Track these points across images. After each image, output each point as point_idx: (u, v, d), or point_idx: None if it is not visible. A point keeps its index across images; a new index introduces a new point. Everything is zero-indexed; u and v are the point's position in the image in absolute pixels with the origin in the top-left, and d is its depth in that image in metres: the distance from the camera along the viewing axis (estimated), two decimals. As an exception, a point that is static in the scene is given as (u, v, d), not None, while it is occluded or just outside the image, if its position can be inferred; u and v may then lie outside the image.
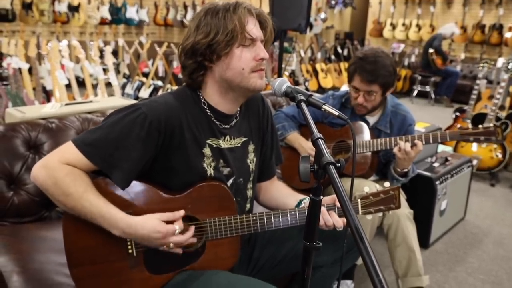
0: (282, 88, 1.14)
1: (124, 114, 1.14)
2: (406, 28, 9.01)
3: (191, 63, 1.18)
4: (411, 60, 8.27)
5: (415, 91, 7.66)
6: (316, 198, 0.89)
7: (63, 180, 1.09)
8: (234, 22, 1.14)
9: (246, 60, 1.17)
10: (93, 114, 1.96)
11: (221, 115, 1.26)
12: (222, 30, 1.14)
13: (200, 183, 1.22)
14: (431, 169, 2.65)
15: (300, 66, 7.14)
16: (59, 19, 7.11)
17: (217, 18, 1.14)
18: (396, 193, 1.32)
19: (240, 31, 1.15)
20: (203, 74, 1.20)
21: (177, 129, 1.17)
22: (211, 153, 1.24)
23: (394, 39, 9.17)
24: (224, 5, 1.17)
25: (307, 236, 0.92)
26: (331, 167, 0.81)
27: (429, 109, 7.10)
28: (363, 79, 1.92)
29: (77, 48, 4.08)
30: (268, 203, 1.47)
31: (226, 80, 1.19)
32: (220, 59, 1.17)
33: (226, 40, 1.14)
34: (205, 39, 1.14)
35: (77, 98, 3.89)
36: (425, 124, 2.98)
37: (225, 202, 1.24)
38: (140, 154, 1.13)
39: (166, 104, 1.17)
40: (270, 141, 1.44)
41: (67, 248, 1.17)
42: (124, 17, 7.94)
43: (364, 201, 1.30)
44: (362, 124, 2.03)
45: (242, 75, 1.18)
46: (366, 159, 2.01)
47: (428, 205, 2.57)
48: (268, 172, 1.47)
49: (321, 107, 1.05)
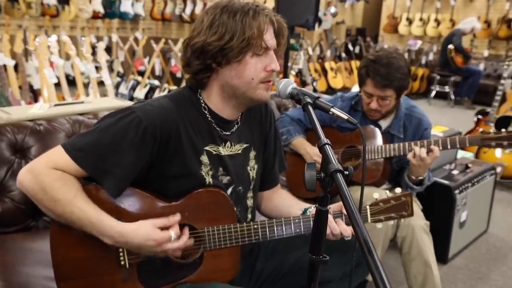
0: (287, 89, 1.16)
1: (117, 118, 1.16)
2: (424, 23, 9.02)
3: (198, 64, 1.19)
4: (429, 58, 8.28)
5: (433, 92, 7.66)
6: (322, 208, 0.90)
7: (52, 185, 1.11)
8: (252, 30, 1.14)
9: (256, 70, 1.19)
10: (84, 115, 1.98)
11: (222, 120, 1.28)
12: (239, 35, 1.14)
13: (198, 189, 1.23)
14: (450, 177, 2.65)
15: (308, 64, 7.16)
16: (48, 12, 7.16)
17: (234, 20, 1.14)
18: (408, 200, 1.33)
19: (257, 39, 1.16)
20: (208, 76, 1.22)
21: (173, 134, 1.18)
22: (210, 161, 1.26)
23: (410, 35, 9.18)
24: (243, 6, 1.17)
25: (313, 248, 0.92)
26: (339, 175, 0.82)
27: (448, 112, 7.09)
28: (377, 84, 1.92)
29: (67, 44, 4.11)
30: (271, 213, 1.48)
31: (232, 86, 1.21)
32: (229, 64, 1.18)
33: (241, 47, 1.14)
34: (218, 42, 1.14)
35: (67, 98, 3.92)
36: (443, 128, 2.98)
37: (225, 210, 1.25)
38: (134, 160, 1.15)
39: (162, 108, 1.19)
40: (273, 147, 1.46)
41: (55, 260, 1.18)
42: (118, 11, 8.00)
43: (374, 208, 1.31)
44: (374, 129, 2.04)
45: (250, 85, 1.20)
46: (377, 166, 2.02)
47: (446, 216, 2.56)
48: (270, 180, 1.48)
49: (329, 110, 1.06)
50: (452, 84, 7.46)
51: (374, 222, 1.32)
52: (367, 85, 1.97)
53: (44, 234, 1.57)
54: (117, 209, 1.18)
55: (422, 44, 8.49)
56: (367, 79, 1.96)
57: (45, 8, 7.10)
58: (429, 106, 7.37)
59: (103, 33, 8.14)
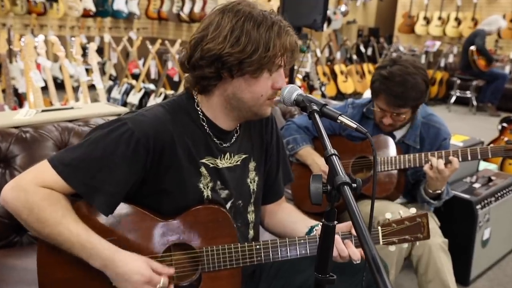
0: (292, 96, 1.18)
1: (108, 130, 1.18)
2: (443, 23, 9.05)
3: (210, 72, 1.19)
4: (449, 61, 8.30)
5: (453, 97, 7.67)
6: (329, 224, 0.92)
7: (38, 204, 1.13)
8: (276, 48, 1.17)
9: (267, 87, 1.22)
10: (74, 122, 1.99)
11: (220, 131, 1.30)
12: (261, 51, 1.15)
13: (196, 206, 1.25)
14: (471, 190, 2.65)
15: (316, 68, 7.19)
16: (35, 9, 7.18)
17: (258, 33, 1.15)
18: (424, 221, 1.33)
19: (278, 58, 1.19)
20: (215, 84, 1.23)
21: (168, 146, 1.20)
22: (208, 173, 1.28)
23: (428, 36, 9.21)
24: (266, 17, 1.18)
25: (319, 267, 0.94)
26: (346, 188, 0.84)
27: (470, 119, 7.09)
28: (390, 103, 1.95)
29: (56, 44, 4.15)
30: (274, 229, 1.49)
31: (239, 99, 1.24)
32: (242, 76, 1.20)
33: (261, 63, 1.17)
34: (239, 54, 1.15)
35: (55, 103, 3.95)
36: (464, 138, 2.99)
37: (225, 228, 1.26)
38: (126, 175, 1.17)
39: (156, 118, 1.21)
40: (276, 157, 1.47)
41: (41, 280, 1.20)
42: (111, 9, 8.07)
43: (386, 229, 1.32)
44: (387, 138, 2.06)
45: (258, 101, 1.24)
46: (391, 178, 2.03)
47: (467, 233, 2.56)
48: (274, 193, 1.50)
49: (337, 118, 1.08)
50: (474, 89, 7.47)
51: (387, 244, 1.32)
52: (379, 100, 1.99)
53: (29, 250, 1.59)
54: (109, 227, 1.20)
55: (441, 45, 8.51)
56: (380, 95, 1.98)
57: (32, 5, 7.12)
58: (448, 113, 7.38)
59: (94, 33, 8.21)
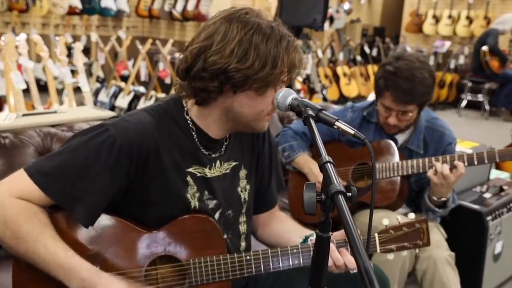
0: (287, 100, 1.19)
1: (89, 136, 1.20)
2: (453, 21, 9.08)
3: (213, 86, 1.19)
4: (459, 62, 8.33)
5: (464, 101, 7.70)
6: (323, 235, 0.93)
7: (14, 219, 1.14)
8: (284, 64, 1.19)
9: (268, 103, 1.25)
10: (57, 127, 2.01)
11: (210, 140, 1.32)
12: (269, 67, 1.17)
13: (182, 215, 1.27)
14: (481, 200, 2.66)
15: (317, 69, 7.22)
16: (16, 6, 7.16)
17: (267, 48, 1.17)
18: (423, 227, 1.36)
19: (284, 75, 1.22)
20: (215, 98, 1.24)
21: (152, 154, 1.22)
22: (195, 183, 1.30)
23: (437, 36, 9.25)
24: (274, 30, 1.19)
25: (313, 280, 0.95)
26: (340, 197, 0.86)
27: (482, 124, 7.12)
28: (397, 99, 1.96)
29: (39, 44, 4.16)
30: (268, 239, 1.51)
31: (238, 114, 1.26)
32: (245, 92, 1.21)
33: (267, 80, 1.19)
34: (247, 70, 1.16)
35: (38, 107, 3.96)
36: (473, 144, 2.99)
37: (213, 239, 1.28)
38: (108, 185, 1.19)
39: (140, 123, 1.23)
40: (268, 164, 1.49)
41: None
42: (98, 6, 8.08)
43: (383, 236, 1.34)
44: (389, 143, 2.08)
45: (258, 116, 1.26)
46: (393, 185, 2.05)
47: (477, 247, 2.56)
48: (266, 202, 1.52)
49: (333, 124, 1.09)
50: (486, 92, 7.50)
51: (384, 252, 1.35)
52: (385, 98, 2.01)
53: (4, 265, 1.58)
54: (89, 240, 1.22)
55: (451, 45, 8.55)
56: (385, 92, 1.99)
57: (13, 2, 7.10)
58: (458, 118, 7.40)
59: (80, 31, 8.24)
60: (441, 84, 8.07)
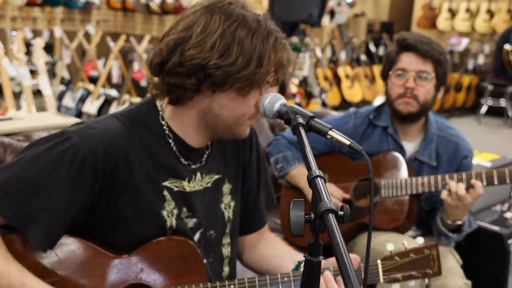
0: (274, 106, 1.19)
1: (47, 146, 1.20)
2: (472, 16, 9.17)
3: (190, 83, 1.20)
4: (478, 62, 8.42)
5: (484, 106, 7.79)
6: (313, 259, 0.95)
7: None
8: (270, 63, 1.21)
9: (251, 106, 1.26)
10: (12, 137, 2.01)
11: (189, 149, 1.33)
12: (255, 66, 1.19)
13: (157, 237, 1.27)
14: (502, 221, 2.68)
15: (316, 71, 7.27)
16: (-35, -3, 7.16)
17: (252, 43, 1.18)
18: (433, 253, 1.37)
19: (270, 75, 1.23)
20: (192, 97, 1.25)
21: (121, 165, 1.23)
22: (172, 198, 1.31)
23: (453, 32, 9.34)
24: (260, 24, 1.21)
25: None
26: (331, 216, 0.87)
27: (504, 133, 7.19)
28: (417, 54, 2.07)
29: (-6, 41, 4.16)
30: (255, 264, 1.52)
31: (217, 116, 1.27)
32: (225, 91, 1.23)
33: (251, 80, 1.20)
34: (229, 68, 1.18)
35: (-9, 113, 3.95)
36: (492, 156, 3.02)
37: (192, 265, 1.28)
38: (69, 202, 1.19)
39: (107, 131, 1.24)
40: (256, 177, 1.51)
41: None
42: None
43: (387, 263, 1.35)
44: (396, 156, 2.11)
45: (239, 120, 1.28)
46: (401, 205, 2.07)
47: (497, 274, 2.58)
48: (254, 221, 1.53)
49: (327, 133, 1.11)
50: (510, 97, 7.59)
51: (388, 282, 1.35)
52: (400, 60, 2.10)
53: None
54: (49, 266, 1.21)
55: (469, 43, 8.63)
56: (401, 54, 2.11)
57: (-37, -8, 7.10)
58: (478, 126, 7.47)
59: (42, 25, 8.22)
60: (457, 88, 8.14)
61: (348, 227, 2.11)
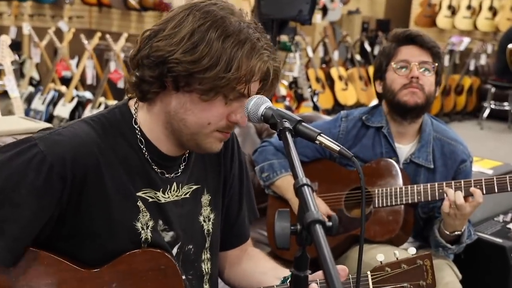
0: (259, 110, 1.21)
1: (11, 154, 1.20)
2: (473, 13, 9.24)
3: (150, 75, 1.23)
4: (480, 63, 8.48)
5: (487, 110, 7.85)
6: (299, 273, 0.95)
7: None
8: (241, 71, 1.21)
9: (218, 116, 1.26)
10: (-26, 143, 2.00)
11: (163, 157, 1.33)
12: (220, 69, 1.19)
13: (130, 250, 1.27)
14: (504, 233, 2.70)
15: (307, 71, 7.28)
16: None
17: (222, 46, 1.20)
18: (427, 264, 1.38)
19: (240, 84, 1.23)
20: (156, 92, 1.27)
21: (91, 174, 1.23)
22: (147, 210, 1.31)
23: (453, 30, 9.41)
24: (240, 30, 1.22)
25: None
26: (318, 228, 0.87)
27: (508, 138, 7.24)
28: (416, 46, 2.15)
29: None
30: (238, 282, 1.52)
31: (180, 120, 1.28)
32: (188, 93, 1.24)
33: (215, 84, 1.21)
34: (190, 65, 1.19)
35: (-48, 116, 3.92)
36: (494, 163, 3.04)
37: (169, 279, 1.28)
38: (35, 213, 1.19)
39: (76, 137, 1.24)
40: (238, 189, 1.51)
41: None
42: (33, -10, 8.06)
43: (377, 274, 1.36)
44: (390, 163, 2.12)
45: (202, 129, 1.28)
46: (395, 216, 2.08)
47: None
48: (236, 235, 1.53)
49: (315, 138, 1.12)
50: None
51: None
52: (401, 52, 2.16)
53: None
54: (12, 282, 1.21)
55: (470, 42, 8.66)
56: (401, 47, 2.17)
57: None
58: (480, 131, 7.51)
59: (8, 21, 8.17)
60: (458, 90, 8.19)
61: (340, 239, 2.12)
